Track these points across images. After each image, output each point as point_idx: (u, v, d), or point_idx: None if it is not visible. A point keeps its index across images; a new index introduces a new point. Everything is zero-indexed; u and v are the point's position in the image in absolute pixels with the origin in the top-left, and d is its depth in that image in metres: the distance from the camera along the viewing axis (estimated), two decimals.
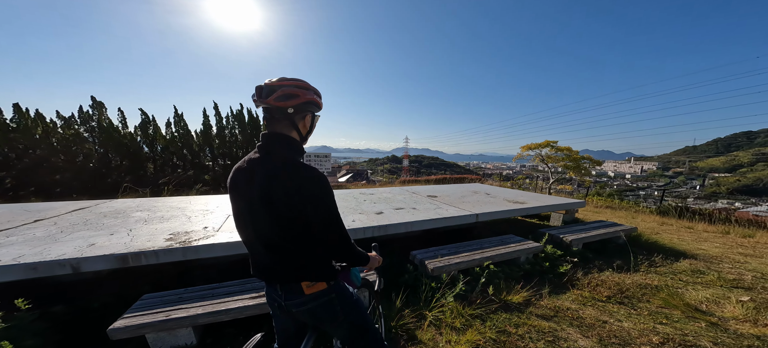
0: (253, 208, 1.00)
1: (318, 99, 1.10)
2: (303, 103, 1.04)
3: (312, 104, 1.08)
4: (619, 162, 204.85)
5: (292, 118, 1.05)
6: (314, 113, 1.13)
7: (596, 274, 3.32)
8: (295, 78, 1.05)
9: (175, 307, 1.92)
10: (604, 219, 6.23)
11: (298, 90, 1.03)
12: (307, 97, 1.05)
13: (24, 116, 9.47)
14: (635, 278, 3.25)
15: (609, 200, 11.38)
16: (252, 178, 1.00)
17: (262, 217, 1.00)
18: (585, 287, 3.04)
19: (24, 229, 2.71)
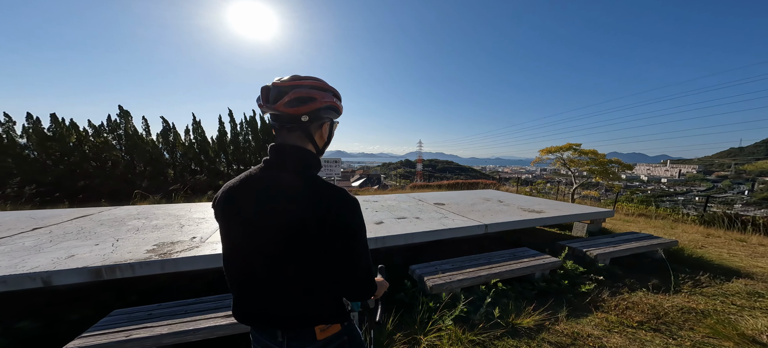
0: (266, 238, 0.80)
1: (337, 102, 0.89)
2: (320, 108, 0.83)
3: (330, 110, 0.87)
4: (652, 165, 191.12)
5: (307, 127, 0.85)
6: (333, 120, 0.92)
7: (626, 294, 2.88)
8: (311, 76, 0.85)
9: (141, 326, 1.78)
10: (637, 230, 5.59)
11: (314, 92, 0.83)
12: (325, 101, 0.84)
13: (59, 125, 10.20)
14: (676, 301, 2.77)
15: (642, 207, 10.41)
16: (267, 201, 0.80)
17: (279, 251, 0.79)
18: (612, 310, 2.62)
19: (18, 237, 2.74)
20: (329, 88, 0.86)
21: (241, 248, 0.84)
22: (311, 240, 0.78)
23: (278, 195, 0.80)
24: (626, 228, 5.89)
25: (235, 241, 0.84)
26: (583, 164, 12.05)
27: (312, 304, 0.83)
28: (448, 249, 4.07)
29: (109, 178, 10.39)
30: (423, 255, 3.82)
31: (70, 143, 10.12)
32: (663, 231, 5.67)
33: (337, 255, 0.80)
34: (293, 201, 0.78)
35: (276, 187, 0.81)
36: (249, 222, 0.81)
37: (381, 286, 1.08)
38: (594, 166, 11.72)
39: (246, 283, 0.85)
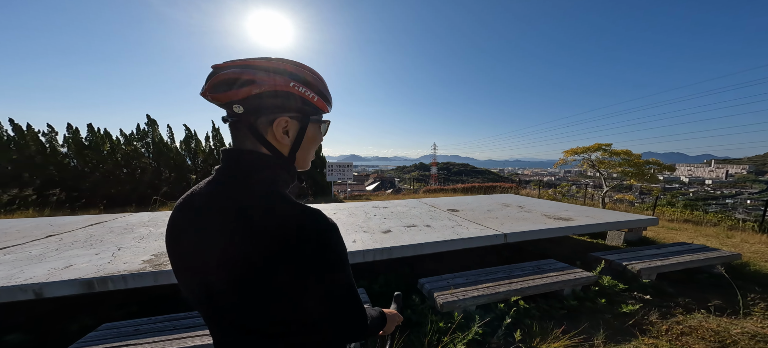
0: (204, 283, 0.58)
1: (301, 89, 0.60)
2: (261, 94, 0.57)
3: (282, 98, 0.59)
4: (694, 165, 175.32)
5: (250, 122, 0.59)
6: (302, 118, 0.63)
7: (681, 316, 2.42)
8: (279, 58, 0.60)
9: (125, 343, 1.67)
10: (685, 239, 4.92)
11: (255, 73, 0.56)
12: (272, 86, 0.57)
13: (95, 134, 10.94)
14: (747, 326, 2.28)
15: (687, 212, 9.36)
16: (203, 230, 0.57)
17: (225, 300, 0.58)
18: (662, 335, 2.20)
19: (29, 245, 2.80)
20: (289, 70, 0.59)
21: (188, 290, 0.63)
22: (261, 285, 0.54)
23: (217, 219, 0.57)
24: (671, 237, 5.22)
25: (183, 282, 0.64)
26: (615, 166, 11.08)
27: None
28: (462, 260, 3.76)
29: (138, 184, 10.99)
30: (434, 267, 3.53)
31: (104, 151, 10.82)
32: (718, 241, 4.94)
33: (304, 299, 0.56)
34: (233, 231, 0.55)
35: (215, 209, 0.58)
36: (185, 256, 0.61)
37: (392, 320, 0.85)
38: (628, 167, 10.75)
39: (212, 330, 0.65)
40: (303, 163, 0.69)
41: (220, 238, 0.56)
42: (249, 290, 0.55)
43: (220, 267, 0.56)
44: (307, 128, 0.64)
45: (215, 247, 0.56)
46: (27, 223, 3.83)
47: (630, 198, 11.78)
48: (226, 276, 0.56)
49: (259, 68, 0.57)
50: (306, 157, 0.69)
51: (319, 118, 0.67)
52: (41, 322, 2.17)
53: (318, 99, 0.63)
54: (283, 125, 0.61)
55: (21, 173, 9.47)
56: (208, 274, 0.58)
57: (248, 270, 0.53)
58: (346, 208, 5.12)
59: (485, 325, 2.24)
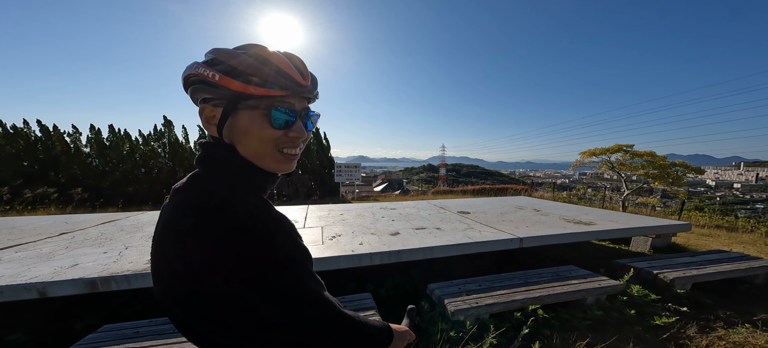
0: (165, 290, 0.53)
1: (204, 70, 0.51)
2: (184, 82, 0.55)
3: (194, 83, 0.53)
4: (721, 168, 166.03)
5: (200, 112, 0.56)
6: (226, 104, 0.52)
7: (722, 330, 2.18)
8: (225, 48, 0.54)
9: (123, 346, 1.63)
10: (717, 245, 4.56)
11: (193, 65, 0.54)
12: (188, 73, 0.54)
13: (115, 135, 11.36)
14: None
15: (717, 217, 8.76)
16: (161, 232, 0.53)
17: (180, 311, 0.53)
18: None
19: (40, 243, 2.84)
20: (211, 53, 0.53)
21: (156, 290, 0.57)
22: (207, 293, 0.47)
23: (167, 221, 0.51)
24: (702, 243, 4.85)
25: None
26: (637, 168, 10.52)
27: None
28: (475, 265, 3.59)
29: (155, 184, 11.33)
30: (444, 271, 3.38)
31: (124, 151, 11.21)
32: (755, 249, 4.55)
33: (258, 307, 0.48)
34: (177, 230, 0.49)
35: (172, 206, 0.53)
36: (153, 259, 0.55)
37: (401, 337, 0.72)
38: (651, 169, 10.17)
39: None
40: (258, 159, 0.56)
41: (165, 242, 0.51)
42: (193, 303, 0.49)
43: (166, 274, 0.51)
44: (234, 116, 0.52)
45: (162, 251, 0.52)
46: (44, 221, 3.93)
47: (654, 202, 11.16)
48: (171, 285, 0.51)
49: (202, 61, 0.54)
50: (253, 152, 0.55)
51: (256, 103, 0.52)
52: (47, 322, 2.17)
53: (220, 76, 0.50)
54: (206, 113, 0.55)
55: (47, 172, 9.92)
56: (165, 289, 0.53)
57: (190, 278, 0.47)
58: (353, 208, 5.03)
59: (500, 336, 2.08)
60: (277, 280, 0.47)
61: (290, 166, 0.60)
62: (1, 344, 1.74)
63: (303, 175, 12.42)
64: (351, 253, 2.69)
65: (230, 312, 0.49)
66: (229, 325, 0.51)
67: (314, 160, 12.67)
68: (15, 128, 9.86)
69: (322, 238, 3.18)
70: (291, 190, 11.80)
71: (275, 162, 0.57)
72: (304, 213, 4.70)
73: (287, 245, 0.50)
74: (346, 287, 2.99)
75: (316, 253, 2.67)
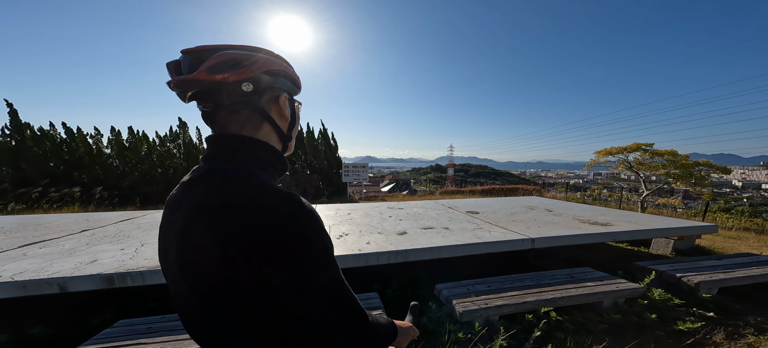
0: (176, 275, 0.54)
1: (293, 73, 0.64)
2: (268, 72, 0.57)
3: (282, 77, 0.61)
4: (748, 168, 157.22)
5: (256, 102, 0.57)
6: (292, 96, 0.66)
7: (752, 337, 2.06)
8: (231, 44, 0.58)
9: (135, 341, 1.67)
10: (745, 248, 4.31)
11: (251, 55, 0.56)
12: (273, 66, 0.58)
13: (134, 136, 11.79)
14: None
15: (745, 219, 8.31)
16: (177, 218, 0.54)
17: (205, 299, 0.52)
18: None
19: (63, 240, 2.97)
20: (275, 54, 0.62)
21: (172, 290, 0.59)
22: (227, 276, 0.47)
23: (196, 209, 0.50)
24: (729, 246, 4.59)
25: (167, 282, 0.60)
26: (657, 167, 10.08)
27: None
28: (484, 266, 3.52)
29: (171, 184, 11.68)
30: (453, 272, 3.33)
31: (142, 152, 11.63)
32: None
33: (281, 294, 0.48)
34: (205, 217, 0.48)
35: (198, 195, 0.52)
36: (164, 251, 0.57)
37: (405, 334, 0.75)
38: (673, 169, 9.73)
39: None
40: (290, 149, 0.69)
41: (196, 231, 0.50)
42: (225, 293, 0.49)
43: (195, 264, 0.50)
44: (294, 104, 0.67)
45: (191, 241, 0.50)
46: (67, 218, 4.12)
47: (675, 203, 10.66)
48: (200, 275, 0.50)
49: (253, 51, 0.57)
50: (293, 142, 0.70)
51: (296, 94, 0.68)
52: (66, 317, 2.26)
53: (297, 79, 0.66)
54: (282, 101, 0.62)
55: (71, 172, 10.41)
56: (191, 287, 0.52)
57: (228, 265, 0.46)
58: (360, 208, 5.04)
59: (511, 338, 2.03)
60: (314, 266, 0.49)
61: None
62: (24, 337, 1.82)
63: (311, 175, 12.54)
64: (358, 252, 2.69)
65: (259, 303, 0.49)
66: (253, 319, 0.50)
67: (322, 160, 12.78)
68: (42, 130, 10.39)
69: None
70: (300, 189, 11.94)
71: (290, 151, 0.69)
72: None
73: (324, 233, 0.52)
74: (353, 286, 2.99)
75: None
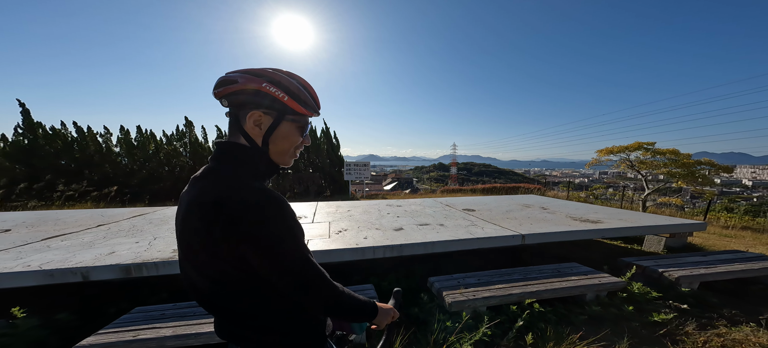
0: (185, 255, 0.73)
1: (271, 89, 0.69)
2: (239, 92, 0.68)
3: (256, 96, 0.68)
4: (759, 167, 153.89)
5: (234, 115, 0.72)
6: (277, 114, 0.72)
7: (724, 329, 2.18)
8: (265, 68, 0.72)
9: (150, 326, 1.85)
10: (742, 247, 4.39)
11: (241, 75, 0.69)
12: (248, 85, 0.68)
13: (142, 135, 12.09)
14: None
15: (747, 219, 8.30)
16: (186, 210, 0.70)
17: (196, 273, 0.72)
18: (698, 347, 2.01)
19: (83, 233, 3.19)
20: (267, 75, 0.70)
21: (181, 266, 0.77)
22: (215, 254, 0.65)
23: (191, 201, 0.69)
24: (725, 244, 4.67)
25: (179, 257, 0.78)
26: (659, 166, 10.07)
27: (252, 328, 0.72)
28: (481, 261, 3.66)
29: (178, 181, 11.98)
30: (447, 266, 3.48)
31: (149, 151, 11.92)
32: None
33: (252, 266, 0.66)
34: (197, 208, 0.66)
35: (192, 189, 0.71)
36: (178, 236, 0.74)
37: (385, 314, 0.88)
38: (675, 168, 9.71)
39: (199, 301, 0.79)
40: (279, 157, 0.76)
41: (190, 217, 0.68)
42: (212, 266, 0.67)
43: (189, 245, 0.69)
44: (280, 124, 0.73)
45: (188, 225, 0.69)
46: (83, 214, 4.35)
47: (677, 202, 10.65)
48: (193, 253, 0.69)
49: (246, 73, 0.70)
50: (280, 151, 0.76)
51: (296, 118, 0.75)
52: (87, 304, 2.46)
53: (288, 98, 0.71)
54: (255, 118, 0.71)
55: (82, 170, 10.74)
56: (185, 254, 0.72)
57: (203, 244, 0.65)
58: (360, 205, 5.21)
59: (495, 327, 2.18)
60: (278, 246, 0.65)
61: (292, 162, 0.82)
62: (52, 322, 2.02)
63: (314, 173, 12.75)
64: (355, 246, 2.86)
65: (240, 274, 0.67)
66: (238, 287, 0.68)
67: (324, 158, 12.97)
68: (54, 129, 10.72)
69: (329, 233, 3.37)
70: (302, 187, 12.15)
71: (290, 159, 0.79)
72: (313, 209, 4.91)
73: (288, 220, 0.67)
74: (352, 279, 3.16)
75: (322, 246, 2.85)
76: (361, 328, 0.94)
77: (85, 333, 1.91)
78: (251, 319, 0.71)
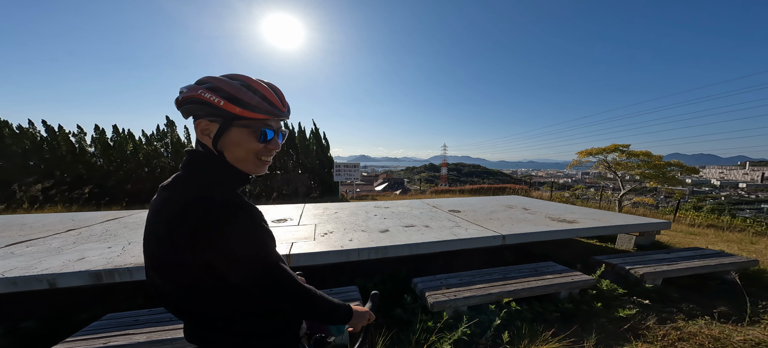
0: (150, 264, 0.73)
1: (210, 96, 0.66)
2: (183, 102, 0.69)
3: (195, 104, 0.67)
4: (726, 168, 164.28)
5: (197, 125, 0.72)
6: (223, 121, 0.69)
7: (682, 322, 2.34)
8: (216, 76, 0.71)
9: (123, 332, 1.79)
10: (704, 245, 4.68)
11: (185, 86, 0.70)
12: (188, 95, 0.67)
13: (119, 135, 11.58)
14: (751, 334, 2.17)
15: (712, 217, 8.84)
16: (148, 217, 0.72)
17: (159, 278, 0.72)
18: (657, 340, 2.14)
19: (50, 238, 3.03)
20: (208, 81, 0.68)
21: (146, 273, 0.76)
22: (180, 262, 0.66)
23: (157, 210, 0.70)
24: (690, 241, 4.96)
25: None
26: (633, 167, 10.59)
27: (223, 332, 0.72)
28: (464, 261, 3.73)
29: (158, 183, 11.53)
30: (433, 267, 3.53)
31: (127, 151, 11.43)
32: (740, 247, 4.66)
33: (219, 271, 0.66)
34: (163, 217, 0.67)
35: (161, 199, 0.70)
36: (144, 243, 0.74)
37: (360, 317, 0.89)
38: (647, 169, 10.24)
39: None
40: (239, 164, 0.72)
41: (157, 227, 0.69)
42: (178, 274, 0.67)
43: (151, 251, 0.70)
44: (229, 131, 0.69)
45: (154, 234, 0.70)
46: (52, 218, 4.13)
47: (649, 201, 11.23)
48: (160, 261, 0.69)
49: (195, 83, 0.70)
50: (237, 158, 0.72)
51: (247, 123, 0.69)
52: (55, 312, 2.35)
53: (225, 103, 0.66)
54: (202, 126, 0.70)
55: (53, 171, 10.17)
56: (151, 263, 0.72)
57: (163, 249, 0.66)
58: (348, 207, 5.20)
59: (474, 326, 2.24)
60: (242, 251, 0.65)
61: (264, 169, 0.78)
62: (15, 330, 1.91)
63: (302, 174, 12.60)
64: (340, 249, 2.86)
65: (208, 280, 0.67)
66: (207, 292, 0.69)
67: (314, 159, 12.85)
68: (21, 128, 10.11)
69: (314, 235, 3.35)
70: (291, 189, 11.98)
71: (254, 167, 0.74)
72: (300, 211, 4.86)
73: (251, 226, 0.68)
74: (339, 281, 3.16)
75: (307, 249, 2.83)
76: (338, 331, 0.95)
77: (52, 341, 1.83)
78: (221, 322, 0.72)
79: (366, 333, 1.01)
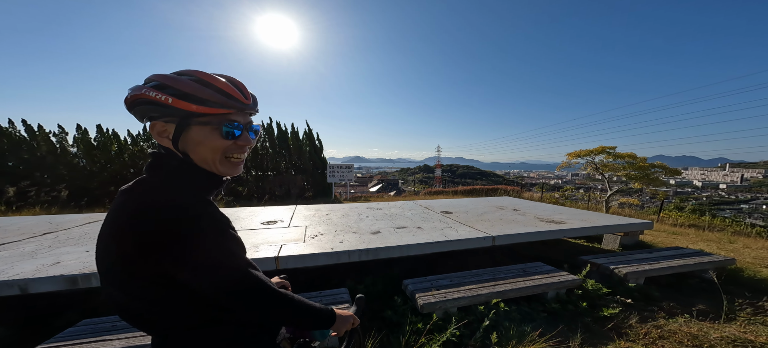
0: (107, 271, 0.66)
1: (154, 94, 0.61)
2: (130, 105, 0.64)
3: (143, 104, 0.62)
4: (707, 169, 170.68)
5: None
6: (179, 121, 0.63)
7: (662, 320, 2.39)
8: (166, 74, 0.65)
9: (98, 339, 1.71)
10: (685, 244, 4.82)
11: (133, 88, 0.64)
12: (134, 95, 0.62)
13: (104, 135, 11.23)
14: (728, 331, 2.23)
15: (693, 217, 9.13)
16: (105, 225, 0.65)
17: (120, 290, 0.65)
18: (639, 339, 2.18)
19: (24, 242, 2.89)
20: (154, 79, 0.63)
21: (101, 284, 0.70)
22: (132, 273, 0.61)
23: (109, 216, 0.64)
24: (672, 241, 5.11)
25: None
26: (619, 169, 10.88)
27: (193, 342, 0.68)
28: (455, 262, 3.74)
29: None
30: (424, 268, 3.53)
31: (112, 152, 11.09)
32: (718, 246, 4.82)
33: (180, 281, 0.62)
34: (114, 223, 0.62)
35: (117, 204, 0.65)
36: (96, 252, 0.68)
37: (343, 321, 0.86)
38: (632, 170, 10.53)
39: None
40: (207, 165, 0.68)
41: (108, 235, 0.63)
42: (130, 284, 0.62)
43: (108, 261, 0.64)
44: (188, 130, 0.64)
45: (104, 243, 0.64)
46: (28, 221, 3.96)
47: (634, 202, 11.55)
48: (113, 271, 0.64)
49: (143, 81, 0.65)
50: (204, 159, 0.67)
51: (207, 120, 0.64)
52: (29, 319, 2.24)
53: (173, 100, 0.61)
54: (158, 128, 0.65)
55: (32, 172, 9.78)
56: (109, 288, 0.66)
57: (127, 262, 0.60)
58: (340, 209, 5.16)
59: (464, 327, 2.24)
60: (203, 259, 0.61)
61: (237, 170, 0.72)
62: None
63: (295, 175, 12.46)
64: (330, 251, 2.82)
65: (167, 291, 0.63)
66: (169, 304, 0.64)
67: (307, 160, 12.73)
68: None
69: (304, 237, 3.30)
70: (283, 190, 11.84)
71: (224, 167, 0.69)
72: (291, 212, 4.79)
73: (213, 233, 0.63)
74: (330, 284, 3.12)
75: (296, 251, 2.79)
76: (322, 335, 0.92)
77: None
78: (190, 332, 0.68)
79: (350, 337, 0.99)
